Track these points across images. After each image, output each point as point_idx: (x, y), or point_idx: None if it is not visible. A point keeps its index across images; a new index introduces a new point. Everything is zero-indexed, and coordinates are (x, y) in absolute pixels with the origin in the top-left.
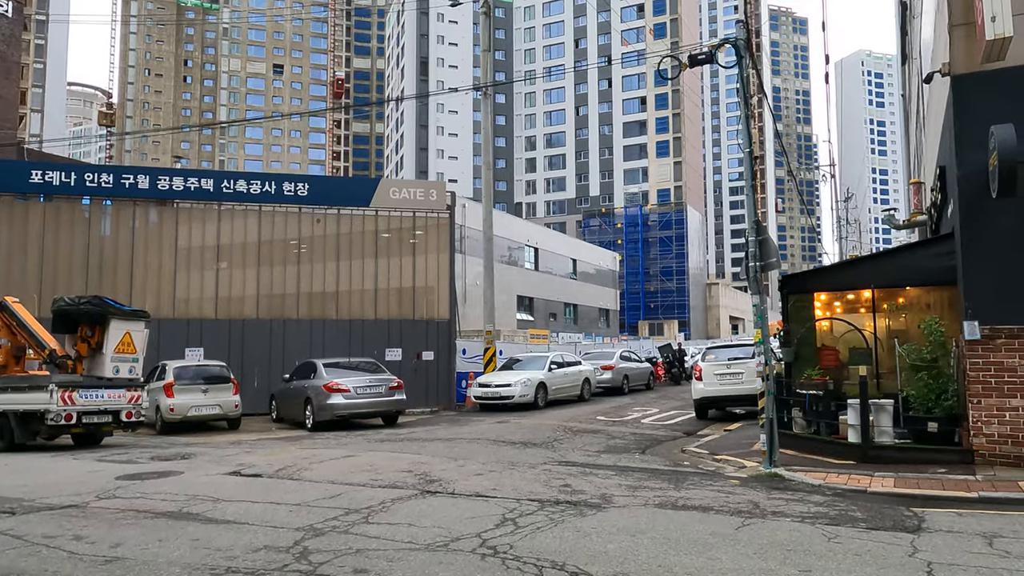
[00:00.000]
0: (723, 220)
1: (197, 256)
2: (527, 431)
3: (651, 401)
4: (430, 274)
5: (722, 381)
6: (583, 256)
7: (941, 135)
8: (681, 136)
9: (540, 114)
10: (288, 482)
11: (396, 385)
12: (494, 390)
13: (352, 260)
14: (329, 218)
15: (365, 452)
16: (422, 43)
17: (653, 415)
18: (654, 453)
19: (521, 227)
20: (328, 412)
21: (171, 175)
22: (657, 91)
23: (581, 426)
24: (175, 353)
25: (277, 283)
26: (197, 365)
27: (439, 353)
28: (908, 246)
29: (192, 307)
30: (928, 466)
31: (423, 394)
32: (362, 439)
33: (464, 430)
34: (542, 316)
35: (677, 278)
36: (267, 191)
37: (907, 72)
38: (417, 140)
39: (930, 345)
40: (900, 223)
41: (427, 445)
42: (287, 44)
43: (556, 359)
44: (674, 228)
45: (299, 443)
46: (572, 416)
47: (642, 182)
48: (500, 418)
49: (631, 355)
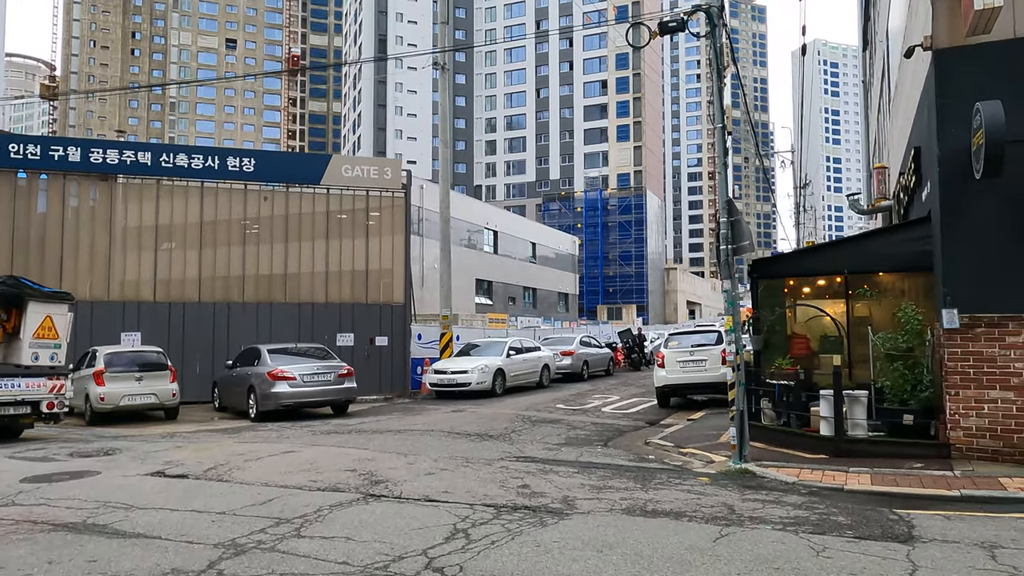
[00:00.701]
0: (681, 206)
1: (135, 235)
2: (484, 421)
3: (611, 388)
4: (384, 256)
5: (685, 368)
6: (543, 240)
7: (916, 115)
8: (641, 120)
9: (500, 96)
10: (216, 484)
11: (346, 372)
12: (450, 377)
13: (302, 240)
14: (277, 196)
15: (308, 447)
16: (380, 20)
17: (614, 403)
18: (617, 446)
19: (480, 210)
20: (272, 401)
21: (105, 147)
22: (618, 74)
23: (540, 415)
24: (110, 338)
25: (221, 264)
26: (131, 351)
27: (393, 338)
28: (882, 230)
29: (129, 289)
30: (903, 460)
31: (376, 381)
32: (307, 431)
33: (417, 420)
34: (501, 300)
35: (636, 263)
36: (210, 166)
37: (868, 58)
38: (375, 120)
39: (906, 333)
40: (864, 208)
41: (376, 438)
42: (240, 18)
43: (515, 345)
44: (633, 213)
45: (238, 436)
46: (531, 404)
47: (602, 166)
48: (456, 406)
49: (591, 340)
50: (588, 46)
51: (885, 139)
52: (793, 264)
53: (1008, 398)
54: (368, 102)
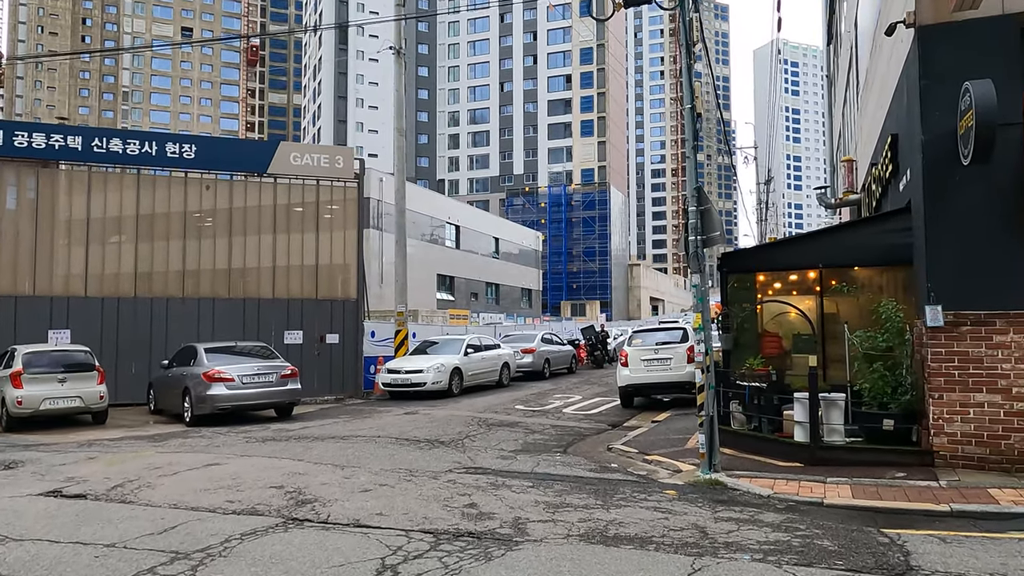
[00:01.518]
0: (645, 202)
1: (63, 225)
2: (436, 425)
3: (573, 387)
4: (336, 249)
5: (649, 367)
6: (506, 235)
7: (893, 101)
8: (606, 116)
9: (464, 89)
10: (117, 507)
11: (289, 373)
12: (404, 376)
13: (247, 233)
14: (220, 185)
15: (236, 458)
16: (340, 10)
17: (576, 403)
18: (577, 452)
19: (442, 204)
20: (208, 404)
21: (30, 130)
22: (583, 69)
23: (498, 418)
24: (36, 336)
25: (159, 257)
26: (54, 350)
27: (345, 336)
28: (859, 221)
29: (57, 283)
30: (884, 469)
31: (327, 381)
32: (242, 438)
33: (365, 424)
34: (463, 296)
35: (600, 259)
36: (146, 152)
37: (832, 52)
38: (335, 112)
39: (886, 332)
40: (832, 202)
41: (316, 446)
42: (196, 5)
43: (473, 342)
44: (597, 208)
45: (164, 444)
46: (489, 405)
47: (566, 161)
48: (409, 408)
49: (553, 338)
50: (552, 40)
51: (852, 132)
52: (765, 257)
53: (995, 402)
54: (328, 94)
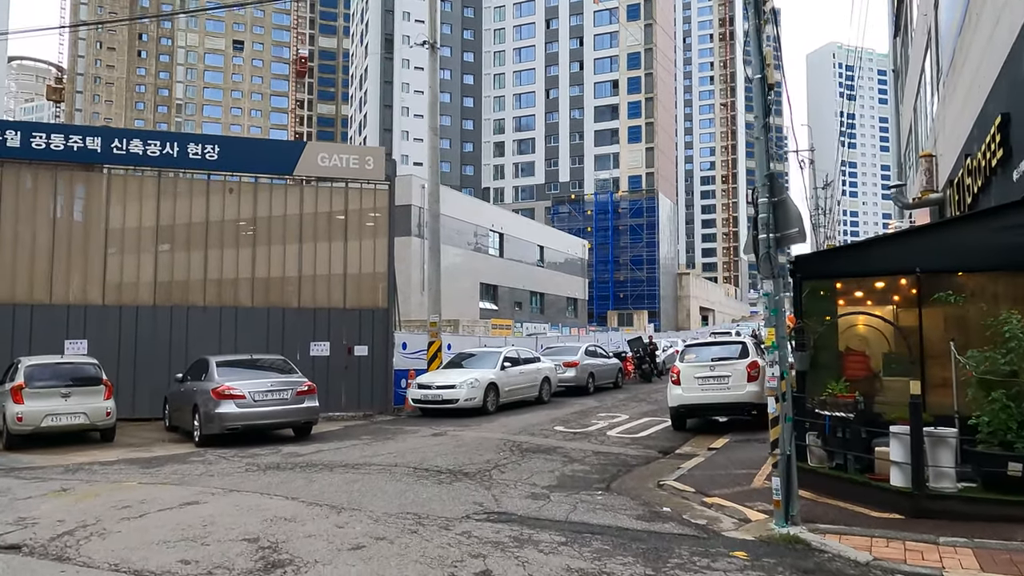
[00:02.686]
0: (694, 210)
1: (80, 230)
2: (464, 451)
3: (619, 404)
4: (366, 254)
5: (704, 386)
6: (551, 243)
7: (1001, 75)
8: (653, 121)
9: (509, 96)
10: (47, 566)
11: (306, 389)
12: (435, 392)
13: (271, 237)
14: (244, 188)
15: (223, 494)
16: (387, 19)
17: (622, 424)
18: (623, 490)
19: (486, 211)
20: (216, 424)
21: (48, 131)
22: (630, 74)
23: (534, 441)
24: (52, 346)
25: (180, 264)
26: (59, 363)
27: (374, 347)
28: (971, 216)
29: (75, 291)
30: (1013, 527)
31: (355, 396)
32: (244, 464)
33: (385, 449)
34: (507, 305)
35: (648, 267)
36: (168, 153)
37: (899, 45)
38: (381, 121)
39: (1009, 352)
40: (909, 202)
41: (320, 478)
42: (248, 19)
43: (511, 355)
44: (645, 216)
45: (155, 472)
46: (526, 425)
47: (613, 168)
48: (439, 427)
49: (597, 350)
50: (599, 45)
51: (929, 126)
52: (848, 261)
53: None
54: (374, 103)
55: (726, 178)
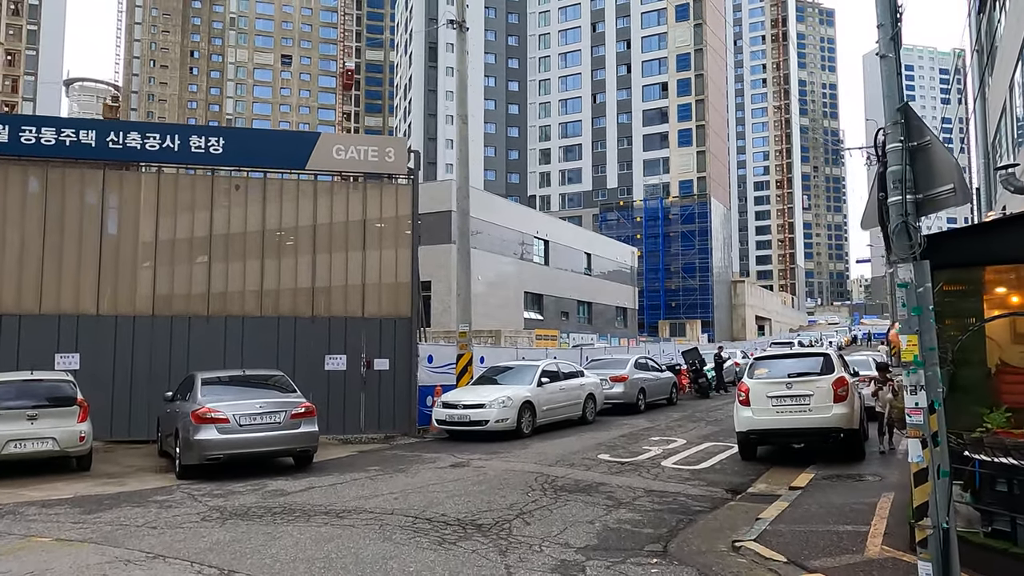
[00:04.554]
0: (747, 216)
1: (73, 232)
2: (484, 490)
3: (675, 425)
4: (386, 257)
5: (780, 408)
6: (598, 250)
7: None
8: (705, 124)
9: (555, 102)
10: None
11: (302, 412)
12: (462, 412)
13: (282, 239)
14: (252, 184)
15: (142, 562)
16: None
17: (678, 450)
18: (685, 555)
19: (529, 217)
20: (195, 453)
21: (39, 125)
22: (679, 76)
23: (572, 476)
24: (42, 359)
25: (181, 269)
26: (26, 380)
27: (397, 360)
28: None
29: (66, 300)
30: None
31: (375, 416)
32: (207, 508)
33: (390, 486)
34: (553, 315)
35: (700, 275)
36: (168, 147)
37: (984, 21)
38: (425, 130)
39: None
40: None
41: (285, 534)
42: (295, 34)
43: (549, 369)
44: (697, 222)
45: (91, 520)
46: (564, 453)
47: (663, 173)
48: (462, 454)
49: (649, 362)
50: (647, 47)
51: None
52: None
53: None
54: (418, 112)
55: (780, 183)
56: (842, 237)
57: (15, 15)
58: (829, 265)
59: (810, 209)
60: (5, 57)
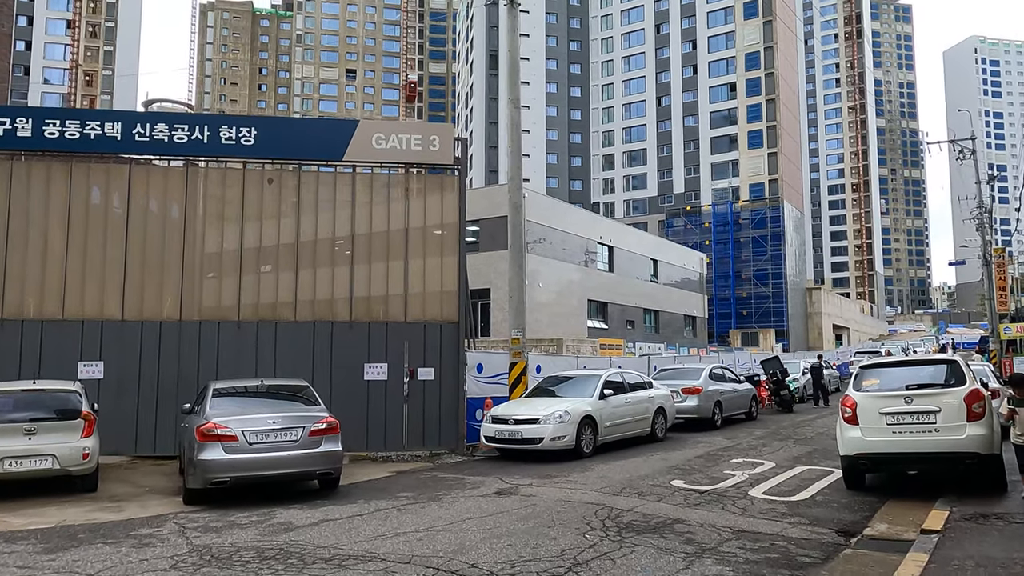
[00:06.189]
0: (821, 222)
1: (98, 231)
2: (531, 528)
3: (758, 443)
4: (431, 256)
5: (897, 427)
6: (665, 256)
7: None
8: (776, 124)
9: (619, 107)
10: None
11: (324, 428)
12: (513, 428)
13: (318, 237)
14: (286, 177)
15: None
16: (491, 35)
17: (767, 475)
18: None
19: (592, 222)
20: (198, 475)
21: (63, 117)
22: (748, 76)
23: (640, 509)
24: (65, 368)
25: (210, 270)
26: (26, 390)
27: (443, 370)
28: None
29: (90, 304)
30: None
31: (419, 431)
32: (187, 550)
33: (413, 523)
34: (618, 324)
35: (773, 282)
36: (197, 139)
37: None
38: (486, 138)
39: None
40: None
41: None
42: (359, 49)
43: (613, 379)
44: (769, 226)
45: (45, 563)
46: (631, 478)
47: (732, 177)
48: (511, 479)
49: (725, 373)
50: (714, 47)
51: None
52: None
53: None
54: (480, 120)
55: (856, 186)
56: (923, 242)
57: (92, 37)
58: (909, 272)
59: (888, 213)
60: (83, 78)
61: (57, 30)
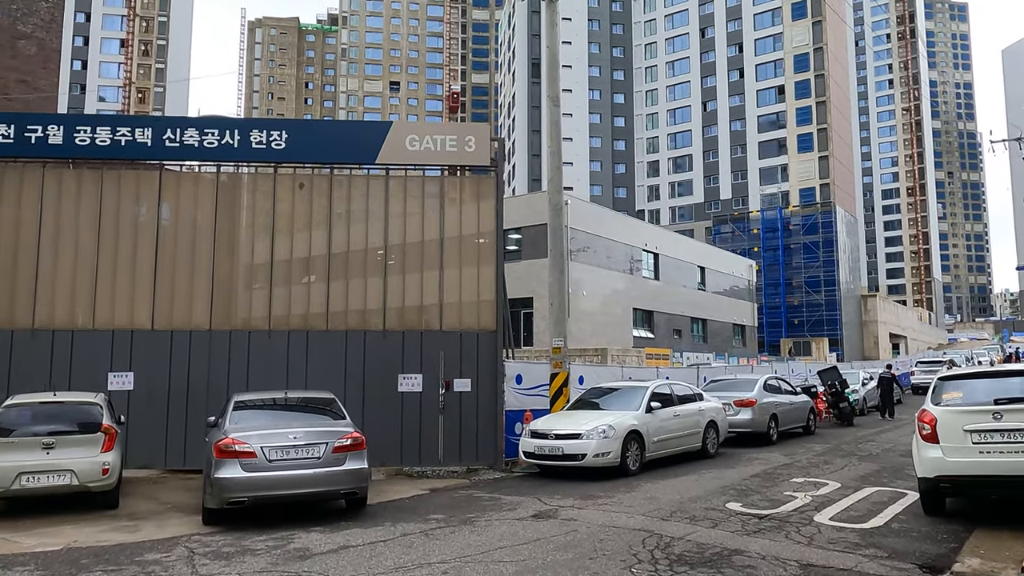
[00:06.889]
0: (875, 227)
1: (128, 238)
2: (570, 560)
3: (818, 460)
4: (467, 261)
5: (985, 446)
6: (713, 264)
7: None
8: (827, 127)
9: (663, 112)
10: None
11: (348, 444)
12: (554, 443)
13: (351, 243)
14: (318, 182)
15: None
16: (533, 43)
17: (833, 499)
18: None
19: (638, 230)
20: (216, 495)
21: (94, 124)
22: (797, 78)
23: (693, 536)
24: (95, 379)
25: (240, 278)
26: (45, 402)
27: (480, 381)
28: None
29: (121, 313)
30: None
31: (455, 446)
32: None
33: (440, 551)
34: (664, 333)
35: (826, 290)
36: (227, 143)
37: None
38: (529, 146)
39: None
40: None
41: None
42: (403, 61)
43: (660, 391)
44: (820, 232)
45: None
46: (681, 499)
47: (781, 181)
48: (550, 499)
49: (780, 384)
50: (760, 50)
51: None
52: None
53: None
54: (522, 129)
55: (912, 191)
56: (982, 248)
57: (144, 55)
58: (969, 278)
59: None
60: (137, 95)
61: (111, 49)
